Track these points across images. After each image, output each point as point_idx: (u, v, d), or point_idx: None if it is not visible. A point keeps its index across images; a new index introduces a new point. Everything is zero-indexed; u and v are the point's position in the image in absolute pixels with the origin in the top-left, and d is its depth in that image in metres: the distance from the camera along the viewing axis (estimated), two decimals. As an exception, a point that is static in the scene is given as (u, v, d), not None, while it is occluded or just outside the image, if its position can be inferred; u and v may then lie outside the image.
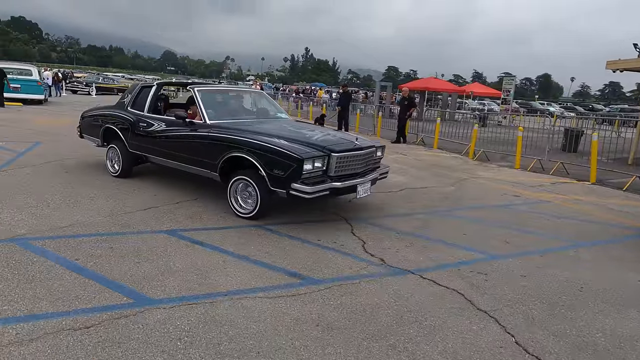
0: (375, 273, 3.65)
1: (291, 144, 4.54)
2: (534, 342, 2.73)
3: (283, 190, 4.40)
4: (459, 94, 27.92)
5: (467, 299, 3.27)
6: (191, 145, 5.25)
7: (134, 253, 3.72)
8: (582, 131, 12.30)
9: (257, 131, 4.93)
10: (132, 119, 5.98)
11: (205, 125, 5.18)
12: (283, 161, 4.34)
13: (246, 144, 4.65)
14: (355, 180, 4.76)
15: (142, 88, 6.35)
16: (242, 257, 3.80)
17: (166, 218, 4.68)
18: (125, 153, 6.08)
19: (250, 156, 4.55)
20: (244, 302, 3.02)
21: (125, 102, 6.34)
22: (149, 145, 5.79)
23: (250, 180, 4.62)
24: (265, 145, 4.52)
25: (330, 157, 4.53)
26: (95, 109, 7.05)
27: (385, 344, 2.64)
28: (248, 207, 4.73)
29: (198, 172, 5.26)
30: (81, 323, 2.63)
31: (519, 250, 4.35)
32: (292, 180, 4.31)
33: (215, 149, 4.92)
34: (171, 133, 5.51)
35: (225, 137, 4.88)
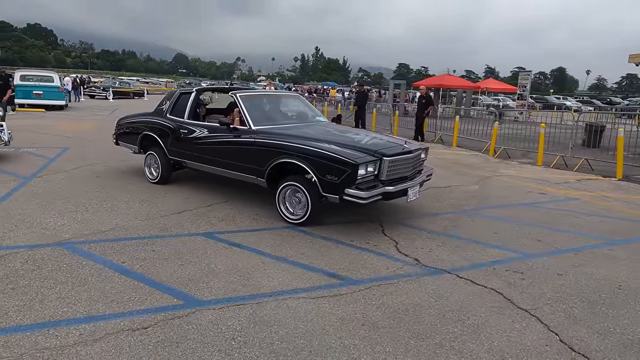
0: (412, 273, 3.71)
1: (343, 149, 4.50)
2: (579, 341, 2.77)
3: (336, 195, 4.36)
4: (474, 90, 27.70)
5: (506, 298, 3.31)
6: (236, 152, 5.22)
7: (176, 255, 3.84)
8: (604, 126, 12.14)
9: (304, 136, 4.90)
10: (172, 126, 5.98)
11: (250, 131, 5.15)
12: (337, 167, 4.30)
13: (297, 149, 4.62)
14: (406, 184, 4.72)
15: (181, 94, 6.31)
16: (280, 258, 3.89)
17: (201, 221, 4.80)
18: (165, 160, 6.10)
19: (302, 162, 4.51)
20: (288, 303, 3.11)
21: (163, 109, 6.31)
22: (190, 151, 5.76)
23: (300, 186, 4.58)
24: (317, 151, 4.48)
25: (382, 161, 4.49)
26: (132, 116, 7.02)
27: (432, 342, 2.70)
28: (298, 213, 4.69)
29: (242, 178, 5.24)
30: (138, 324, 2.75)
31: (552, 249, 4.36)
32: (345, 185, 4.27)
33: (262, 155, 4.90)
34: (214, 139, 5.47)
35: (273, 143, 4.85)
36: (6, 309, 2.85)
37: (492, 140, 11.13)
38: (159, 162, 6.17)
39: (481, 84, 31.22)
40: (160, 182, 6.20)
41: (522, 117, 20.34)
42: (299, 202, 4.68)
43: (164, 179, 6.20)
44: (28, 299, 2.98)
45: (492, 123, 13.15)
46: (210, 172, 5.68)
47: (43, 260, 3.62)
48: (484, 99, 31.56)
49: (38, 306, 2.90)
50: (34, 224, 4.45)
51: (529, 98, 25.65)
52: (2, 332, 2.60)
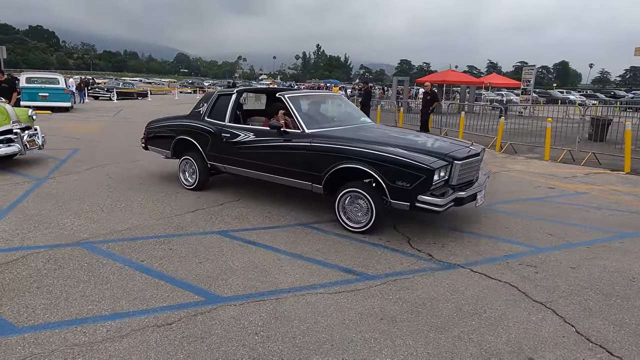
0: (426, 268, 3.75)
1: (412, 152, 4.25)
2: (596, 332, 2.81)
3: (406, 203, 4.12)
4: (477, 85, 27.64)
5: (521, 291, 3.35)
6: (288, 157, 4.92)
7: (193, 253, 3.90)
8: (611, 119, 12.12)
9: (366, 139, 4.62)
10: (212, 130, 5.66)
11: (304, 134, 4.85)
12: (409, 172, 4.05)
13: (362, 154, 4.32)
14: (474, 188, 4.54)
15: (219, 96, 5.96)
16: (295, 255, 3.95)
17: (215, 219, 4.86)
18: (203, 165, 5.81)
19: (368, 167, 4.24)
20: (307, 298, 3.17)
21: (201, 111, 5.97)
22: (232, 156, 5.46)
23: (363, 192, 4.34)
24: (385, 156, 4.21)
25: (453, 165, 4.27)
26: (164, 119, 6.61)
27: (450, 335, 2.75)
28: (361, 221, 4.44)
29: (294, 184, 4.97)
30: (162, 320, 2.81)
31: (564, 242, 4.40)
32: (418, 192, 4.03)
33: (321, 160, 4.61)
34: (262, 144, 5.15)
35: (334, 147, 4.54)
36: (33, 307, 2.92)
37: (499, 135, 11.15)
38: (195, 167, 5.86)
39: (484, 79, 31.15)
40: (197, 188, 5.92)
41: (527, 112, 20.33)
42: (361, 209, 4.43)
43: (202, 184, 5.91)
44: (53, 297, 3.05)
45: (496, 118, 13.17)
46: (255, 178, 5.39)
47: (64, 259, 3.69)
48: (487, 95, 31.50)
49: (64, 304, 2.97)
50: (51, 224, 4.52)
51: (533, 93, 25.62)
52: (32, 330, 2.67)
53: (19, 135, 6.96)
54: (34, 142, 7.29)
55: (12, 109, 7.29)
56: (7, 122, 6.97)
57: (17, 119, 7.19)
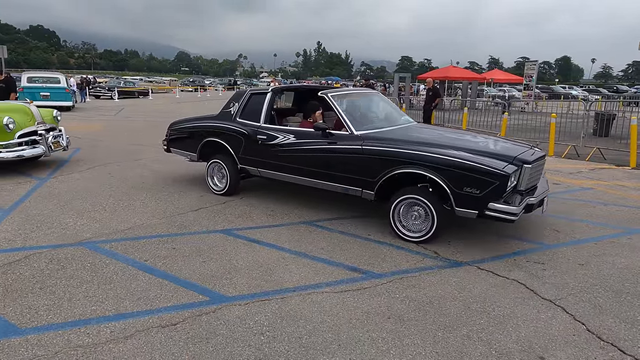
0: (433, 266, 3.71)
1: (480, 156, 3.92)
2: (607, 330, 2.76)
3: (474, 210, 3.84)
4: (479, 81, 27.52)
5: (529, 289, 3.30)
6: (335, 161, 4.57)
7: (197, 253, 3.86)
8: (615, 114, 12.03)
9: (422, 142, 4.29)
10: (246, 132, 5.30)
11: (353, 137, 4.51)
12: (480, 178, 3.74)
13: (424, 159, 3.99)
14: (541, 193, 4.24)
15: (252, 95, 5.59)
16: (300, 253, 3.91)
17: (218, 218, 4.82)
18: (234, 169, 5.49)
19: (431, 173, 3.93)
20: (313, 297, 3.13)
21: (231, 111, 5.60)
22: (269, 160, 5.11)
23: (424, 199, 4.02)
24: (451, 160, 3.89)
25: (523, 169, 3.92)
26: (189, 120, 6.21)
27: (459, 334, 2.71)
28: (420, 229, 4.13)
29: (340, 190, 4.62)
30: (167, 320, 2.77)
31: (572, 239, 4.35)
32: (490, 199, 3.75)
33: (374, 165, 4.28)
34: (304, 147, 4.79)
35: (390, 151, 4.21)
36: (36, 308, 2.89)
37: (502, 131, 11.08)
38: (226, 171, 5.54)
39: (486, 75, 31.01)
40: (227, 193, 5.60)
41: (529, 108, 20.22)
42: (419, 217, 4.13)
43: (233, 188, 5.59)
44: (56, 298, 3.02)
45: (498, 114, 13.10)
46: (295, 183, 5.05)
47: (67, 259, 3.65)
48: (489, 90, 31.35)
49: (67, 305, 2.94)
50: (54, 224, 4.49)
51: (535, 88, 25.47)
52: (35, 331, 2.64)
53: (43, 137, 6.85)
54: (58, 144, 7.19)
55: (37, 110, 7.17)
56: (32, 123, 6.87)
57: (42, 120, 7.10)
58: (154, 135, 11.31)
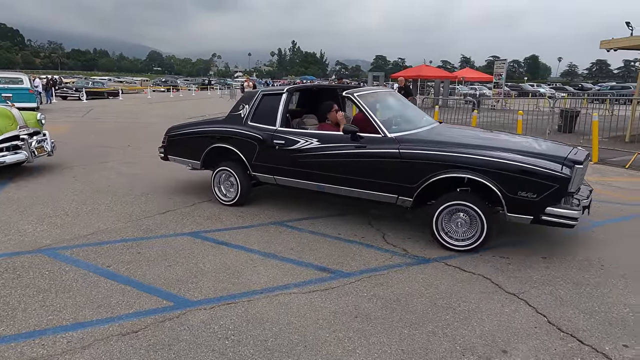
0: (401, 263, 3.73)
1: (532, 158, 3.71)
2: (567, 321, 2.83)
3: (529, 216, 3.65)
4: (451, 80, 28.02)
5: (494, 283, 3.36)
6: (367, 166, 4.26)
7: (162, 257, 3.77)
8: (579, 111, 12.45)
9: (464, 143, 4.05)
10: (260, 136, 4.87)
11: (387, 140, 4.20)
12: (537, 181, 3.55)
13: (474, 162, 3.76)
14: (589, 193, 4.12)
15: (264, 96, 5.15)
16: (268, 254, 3.86)
17: (186, 220, 4.72)
18: (245, 177, 5.06)
19: (480, 177, 3.70)
20: (280, 299, 3.09)
21: (241, 114, 5.15)
22: (288, 166, 4.72)
23: (472, 205, 3.79)
24: (504, 163, 3.67)
25: (575, 170, 3.67)
26: (190, 125, 5.72)
27: (425, 330, 2.72)
28: (467, 237, 3.89)
29: (373, 197, 4.32)
30: (128, 328, 2.69)
31: (537, 233, 4.45)
32: (547, 204, 3.56)
33: (414, 169, 4.00)
34: (330, 151, 4.43)
35: (433, 154, 3.94)
36: (-13, 321, 2.75)
37: (472, 128, 11.29)
38: (237, 179, 5.09)
39: (458, 73, 31.59)
40: (237, 203, 5.16)
41: (499, 105, 20.71)
42: (464, 224, 3.89)
43: (243, 198, 5.15)
44: (10, 309, 2.88)
45: (469, 112, 13.36)
46: (318, 191, 4.68)
47: (24, 267, 3.50)
48: (461, 89, 31.98)
49: (21, 315, 2.81)
50: (11, 231, 4.30)
51: (505, 86, 26.13)
52: (-15, 345, 2.51)
53: (26, 142, 6.43)
54: (42, 149, 6.72)
55: (19, 113, 6.71)
56: (13, 127, 6.42)
57: (24, 124, 6.66)
58: (123, 137, 11.02)
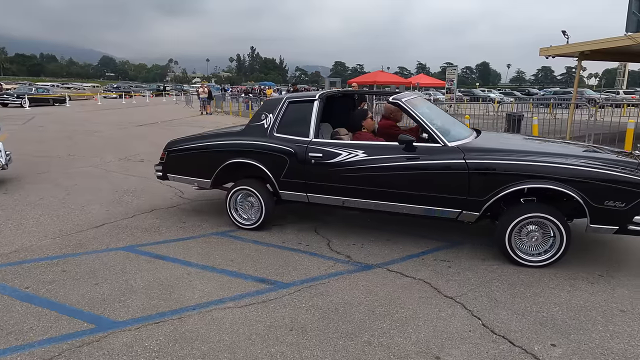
0: (343, 270, 3.68)
1: (612, 166, 3.60)
2: (500, 323, 2.86)
3: (614, 226, 3.52)
4: (405, 85, 28.69)
5: (433, 287, 3.37)
6: (426, 179, 3.90)
7: (90, 274, 3.52)
8: (522, 115, 13.02)
9: (538, 151, 3.87)
10: (292, 149, 4.33)
11: (448, 149, 3.87)
12: (628, 190, 3.43)
13: (556, 171, 3.55)
14: None
15: (290, 104, 4.60)
16: (207, 267, 3.70)
17: (122, 234, 4.47)
18: (269, 195, 4.52)
19: (563, 186, 3.52)
20: (213, 314, 2.95)
21: (264, 125, 4.58)
22: (327, 182, 4.23)
23: (550, 217, 3.61)
24: (592, 172, 3.51)
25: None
26: (196, 138, 5.05)
27: (360, 340, 2.67)
28: (545, 252, 3.71)
29: (431, 213, 3.98)
30: (39, 356, 2.46)
31: (478, 235, 4.53)
32: (636, 212, 3.46)
33: (484, 181, 3.73)
34: (381, 164, 4.02)
35: (512, 164, 3.66)
36: None
37: (423, 133, 11.54)
38: (260, 199, 4.50)
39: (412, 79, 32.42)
40: (261, 227, 4.59)
41: (451, 110, 21.38)
42: (545, 238, 3.70)
43: (267, 219, 4.59)
44: None
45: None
46: (362, 208, 4.26)
47: None
48: (417, 94, 32.75)
49: None
50: None
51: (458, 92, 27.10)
52: None
53: None
54: None
55: None
56: None
57: None
58: (65, 145, 10.44)
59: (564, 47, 12.52)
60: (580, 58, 12.62)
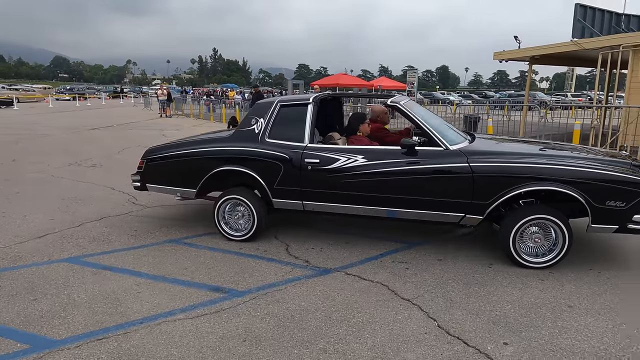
0: (301, 276, 3.60)
1: (610, 166, 3.69)
2: (455, 323, 2.88)
3: (614, 225, 3.59)
4: (368, 88, 29.02)
5: (391, 290, 3.35)
6: (429, 183, 3.84)
7: (28, 289, 3.27)
8: (479, 117, 13.45)
9: (540, 154, 3.93)
10: (287, 155, 4.14)
11: (451, 153, 3.83)
12: (628, 189, 3.51)
13: (560, 173, 3.59)
14: None
15: (282, 107, 4.39)
16: (157, 277, 3.53)
17: (67, 244, 4.20)
18: (261, 204, 4.30)
19: (566, 188, 3.55)
20: (162, 327, 2.80)
21: (254, 130, 4.36)
22: (323, 189, 4.09)
23: (554, 219, 3.64)
24: (594, 172, 3.57)
25: None
26: (179, 145, 4.68)
27: (316, 348, 2.60)
28: (549, 252, 3.73)
29: (432, 218, 3.93)
30: (-38, 384, 2.24)
31: (434, 236, 4.59)
32: (635, 212, 3.53)
33: (489, 184, 3.71)
34: (382, 169, 3.93)
35: (511, 167, 3.68)
36: None
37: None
38: (251, 208, 4.27)
39: (374, 82, 32.85)
40: (252, 237, 4.35)
41: (412, 112, 21.81)
42: (545, 238, 3.72)
43: (260, 229, 4.36)
44: None
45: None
46: (360, 215, 4.16)
47: None
48: (379, 97, 33.28)
49: None
50: None
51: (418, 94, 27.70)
52: None
53: None
54: None
55: None
56: None
57: None
58: (8, 150, 9.80)
59: (516, 51, 13.04)
60: (530, 62, 13.19)
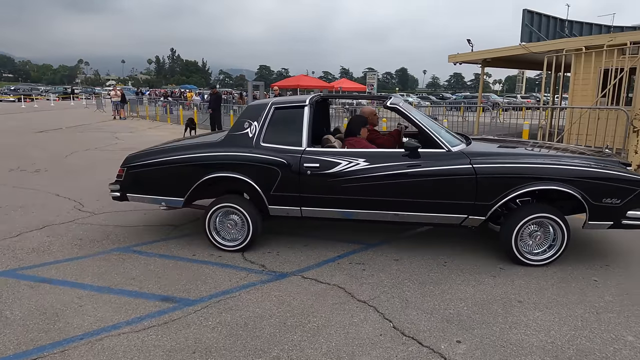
0: (256, 281, 3.51)
1: (602, 164, 3.85)
2: (410, 324, 2.88)
3: (609, 222, 3.72)
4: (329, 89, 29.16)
5: (347, 292, 3.32)
6: (434, 185, 3.80)
7: (-46, 308, 2.99)
8: (436, 118, 13.79)
9: (536, 154, 4.10)
10: (284, 160, 3.97)
11: (454, 155, 3.84)
12: (622, 187, 3.65)
13: (561, 172, 3.68)
14: None
15: (276, 110, 4.22)
16: (102, 288, 3.33)
17: (2, 256, 3.90)
18: (256, 212, 4.10)
19: (566, 187, 3.64)
20: (105, 343, 2.62)
21: (248, 134, 4.15)
22: (324, 194, 3.96)
23: (554, 217, 3.73)
24: (593, 171, 3.70)
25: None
26: (164, 151, 4.34)
27: (269, 356, 2.52)
28: (549, 249, 3.82)
29: (434, 220, 3.93)
30: None
31: (390, 236, 4.61)
32: (629, 208, 3.67)
33: (492, 185, 3.73)
34: (385, 172, 3.84)
35: (513, 167, 3.74)
36: None
37: (344, 136, 11.74)
38: (246, 217, 4.07)
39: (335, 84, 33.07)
40: (247, 248, 4.14)
41: (372, 113, 22.10)
42: (546, 238, 3.82)
43: (252, 241, 4.14)
44: None
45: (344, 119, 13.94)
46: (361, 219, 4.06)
47: None
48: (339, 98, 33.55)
49: None
50: None
51: (378, 96, 28.08)
52: None
53: None
54: None
55: None
56: None
57: None
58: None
59: (469, 54, 13.48)
60: (483, 65, 13.67)
